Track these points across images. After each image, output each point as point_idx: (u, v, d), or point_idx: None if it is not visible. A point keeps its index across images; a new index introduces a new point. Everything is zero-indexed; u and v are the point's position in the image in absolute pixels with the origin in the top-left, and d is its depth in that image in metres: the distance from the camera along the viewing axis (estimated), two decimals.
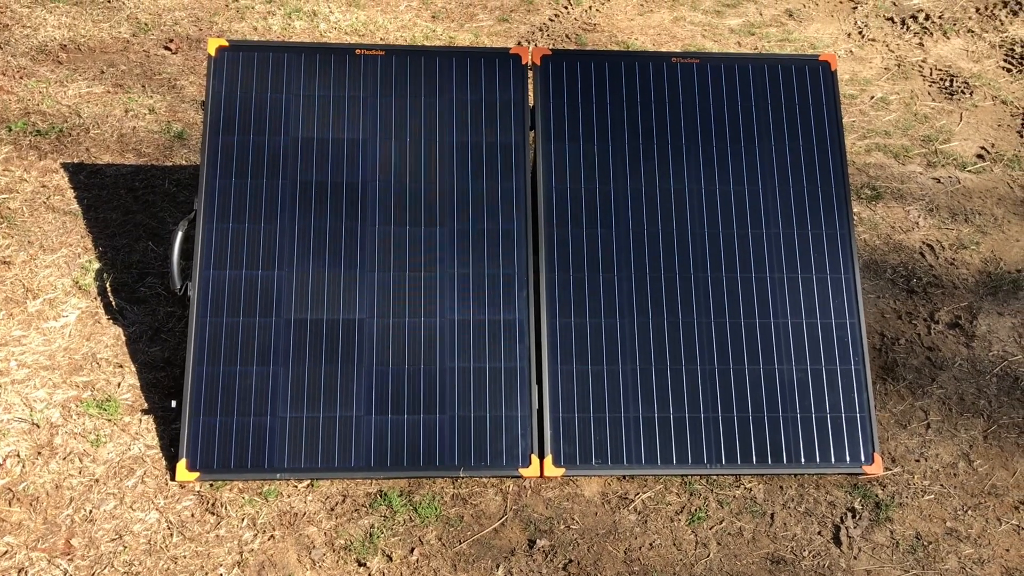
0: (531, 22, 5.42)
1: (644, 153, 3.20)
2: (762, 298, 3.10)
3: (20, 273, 3.44)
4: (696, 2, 5.80)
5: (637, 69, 3.28)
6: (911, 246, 3.97)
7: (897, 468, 3.05)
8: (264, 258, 3.01)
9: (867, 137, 4.63)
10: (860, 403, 3.03)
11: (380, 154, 3.13)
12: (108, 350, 3.21)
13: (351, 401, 2.91)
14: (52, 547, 2.64)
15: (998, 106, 4.93)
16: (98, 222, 3.69)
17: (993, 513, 2.92)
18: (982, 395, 3.31)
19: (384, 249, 3.04)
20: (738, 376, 3.02)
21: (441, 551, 2.71)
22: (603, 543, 2.77)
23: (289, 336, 2.95)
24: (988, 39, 5.54)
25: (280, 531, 2.73)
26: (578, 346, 3.01)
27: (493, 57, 3.25)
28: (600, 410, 2.96)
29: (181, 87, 4.49)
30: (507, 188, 3.13)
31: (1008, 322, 3.60)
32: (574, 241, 3.10)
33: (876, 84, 5.09)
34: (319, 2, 5.34)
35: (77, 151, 4.02)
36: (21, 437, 2.92)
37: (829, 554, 2.77)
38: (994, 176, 4.41)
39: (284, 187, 3.07)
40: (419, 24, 5.29)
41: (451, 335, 2.99)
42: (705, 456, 2.94)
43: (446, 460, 2.89)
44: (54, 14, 4.92)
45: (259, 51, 3.19)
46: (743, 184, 3.20)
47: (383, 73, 3.20)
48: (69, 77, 4.47)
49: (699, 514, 2.86)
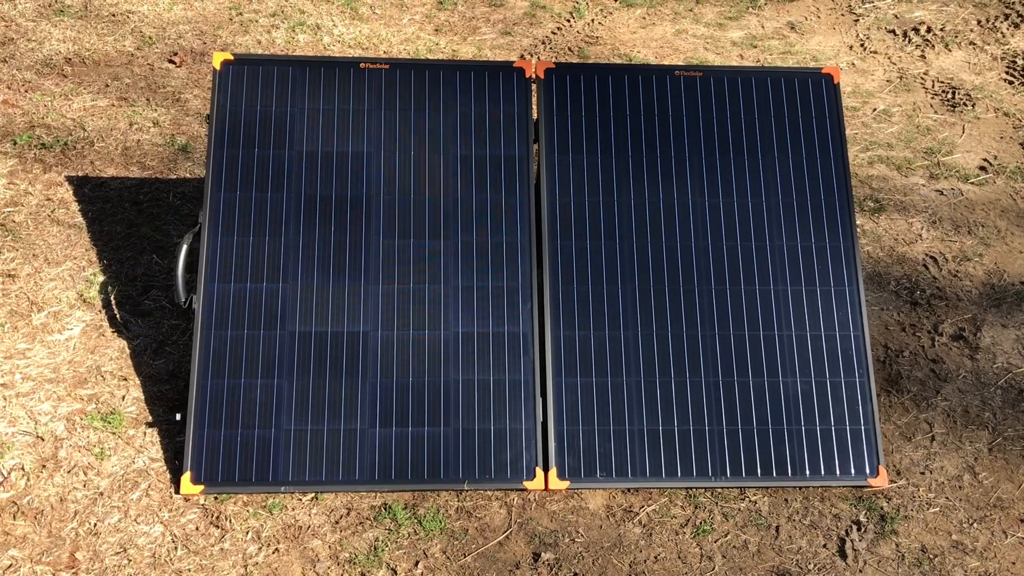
0: (534, 35, 5.44)
1: (648, 165, 3.21)
2: (766, 310, 3.10)
3: (25, 286, 3.44)
4: (698, 15, 5.82)
5: (640, 82, 3.29)
6: (914, 258, 3.97)
7: (902, 481, 3.04)
8: (269, 271, 3.01)
9: (870, 149, 4.64)
10: (865, 415, 3.03)
11: (384, 167, 3.14)
12: (113, 363, 3.22)
13: (355, 414, 2.91)
14: (56, 560, 2.64)
15: (1000, 118, 4.94)
16: (102, 235, 3.70)
17: (999, 526, 2.91)
18: (987, 407, 3.31)
19: (388, 262, 3.05)
20: (742, 388, 3.02)
21: (446, 564, 2.71)
22: (608, 556, 2.76)
23: (294, 349, 2.95)
24: (990, 51, 5.55)
25: (284, 544, 2.73)
26: (582, 358, 3.01)
27: (497, 70, 3.27)
28: (604, 422, 2.95)
29: (185, 100, 4.51)
30: (511, 201, 3.14)
31: (1012, 334, 3.60)
32: (578, 253, 3.11)
33: (878, 96, 5.10)
34: (323, 16, 5.37)
35: (82, 164, 4.03)
36: (26, 450, 2.92)
37: (834, 567, 2.76)
38: (997, 188, 4.41)
39: (288, 200, 3.08)
40: (422, 37, 5.31)
41: (455, 348, 2.99)
42: (710, 469, 2.94)
43: (451, 473, 2.88)
44: (59, 28, 4.94)
45: (263, 65, 3.20)
46: (747, 197, 3.20)
47: (387, 86, 3.21)
48: (74, 90, 4.48)
49: (704, 527, 2.85)
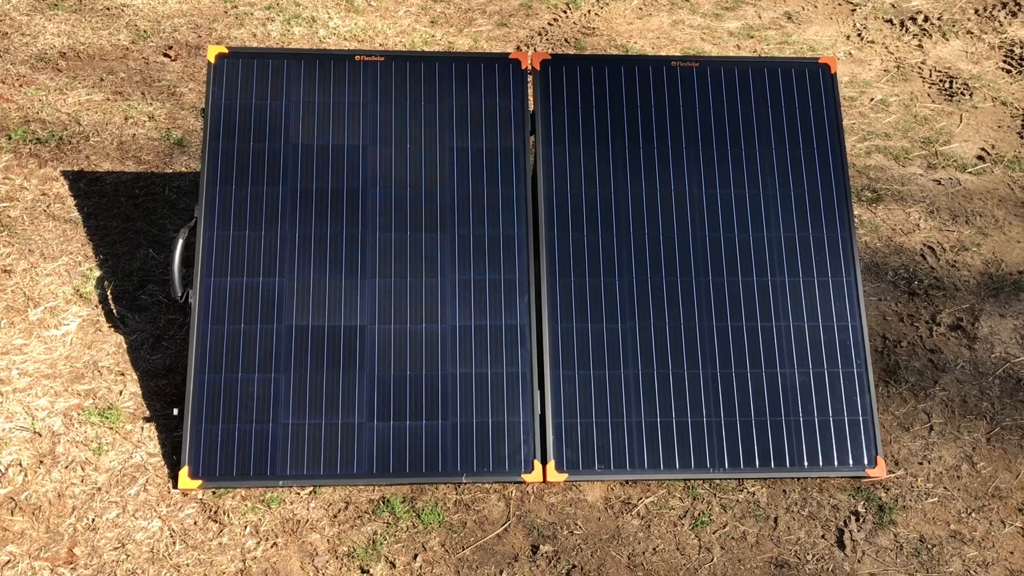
0: (530, 26, 5.42)
1: (644, 157, 3.20)
2: (763, 301, 3.09)
3: (21, 281, 3.43)
4: (695, 5, 5.80)
5: (637, 73, 3.28)
6: (912, 248, 3.96)
7: (900, 471, 3.04)
8: (265, 265, 3.01)
9: (867, 139, 4.63)
10: (863, 406, 3.03)
11: (380, 160, 3.13)
12: (109, 358, 3.21)
13: (353, 407, 2.91)
14: (55, 556, 2.64)
15: (998, 107, 4.93)
16: (98, 230, 3.69)
17: (997, 515, 2.92)
18: (985, 397, 3.31)
19: (385, 255, 3.04)
20: (740, 380, 3.01)
21: (444, 557, 2.71)
22: (606, 548, 2.76)
23: (290, 343, 2.95)
24: (987, 40, 5.54)
25: (283, 538, 2.73)
26: (580, 351, 3.00)
27: (492, 62, 3.25)
28: (603, 415, 2.95)
29: (181, 94, 4.50)
30: (507, 193, 3.13)
31: (1010, 324, 3.60)
32: (575, 245, 3.10)
33: (876, 86, 5.09)
34: (318, 8, 5.35)
35: (77, 159, 4.02)
36: (23, 446, 2.92)
37: (833, 558, 2.76)
38: (994, 177, 4.41)
39: (284, 194, 3.07)
40: (418, 29, 5.29)
41: (452, 341, 2.98)
42: (708, 460, 2.94)
43: (449, 466, 2.88)
44: (53, 22, 4.92)
45: (258, 58, 3.19)
46: (744, 187, 3.20)
47: (383, 79, 3.20)
48: (69, 85, 4.47)
49: (702, 518, 2.85)
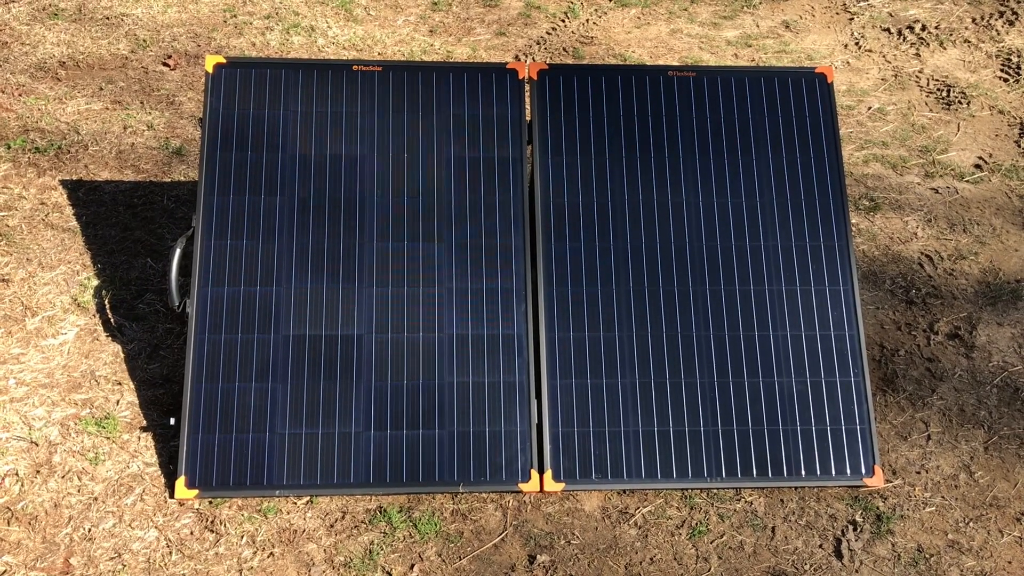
0: (528, 36, 5.43)
1: (642, 166, 3.20)
2: (761, 310, 3.10)
3: (19, 291, 3.44)
4: (693, 14, 5.82)
5: (634, 83, 3.29)
6: (910, 257, 3.97)
7: (898, 480, 3.04)
8: (262, 274, 3.01)
9: (864, 148, 4.63)
10: (860, 415, 3.03)
11: (378, 170, 3.13)
12: (107, 367, 3.21)
13: (350, 417, 2.91)
14: (51, 566, 2.63)
15: (995, 116, 4.94)
16: (97, 239, 3.69)
17: (995, 525, 2.91)
18: (982, 406, 3.31)
19: (382, 264, 3.05)
20: (738, 389, 3.01)
21: (441, 567, 2.70)
22: (603, 558, 2.76)
23: (288, 352, 2.95)
24: (985, 49, 5.55)
25: (280, 548, 2.72)
26: (577, 360, 3.00)
27: (490, 72, 3.26)
28: (600, 424, 2.95)
29: (179, 103, 4.50)
30: (505, 202, 3.13)
31: (1008, 332, 3.60)
32: (572, 255, 3.10)
33: (873, 95, 5.10)
34: (317, 17, 5.36)
35: (76, 168, 4.03)
36: (20, 455, 2.92)
37: (831, 567, 2.76)
38: (992, 186, 4.41)
39: (282, 203, 3.08)
40: (417, 39, 5.31)
41: (450, 350, 2.98)
42: (705, 470, 2.94)
43: (445, 475, 2.88)
44: (53, 31, 4.93)
45: (257, 67, 3.20)
46: (741, 197, 3.20)
47: (380, 89, 3.21)
48: (68, 94, 4.48)
49: (700, 528, 2.85)
